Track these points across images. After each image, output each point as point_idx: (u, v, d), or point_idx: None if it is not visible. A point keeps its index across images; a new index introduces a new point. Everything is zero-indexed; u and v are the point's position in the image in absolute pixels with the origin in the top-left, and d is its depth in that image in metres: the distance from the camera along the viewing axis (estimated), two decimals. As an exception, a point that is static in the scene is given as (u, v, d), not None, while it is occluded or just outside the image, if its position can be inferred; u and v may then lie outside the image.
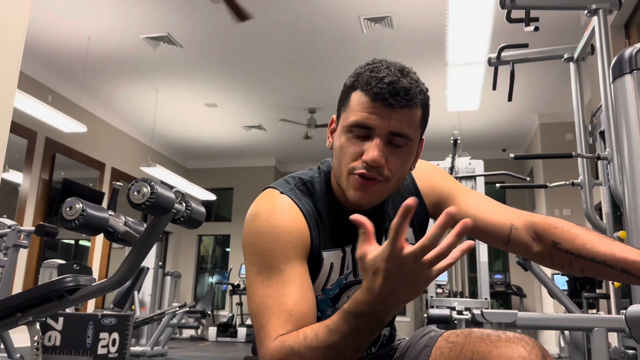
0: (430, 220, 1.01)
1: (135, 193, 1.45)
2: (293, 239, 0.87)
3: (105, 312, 4.08)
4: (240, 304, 8.94)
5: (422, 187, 1.04)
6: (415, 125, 0.87)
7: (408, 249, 0.64)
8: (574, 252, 0.91)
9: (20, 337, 2.81)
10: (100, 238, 7.23)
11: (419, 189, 1.03)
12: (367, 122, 0.85)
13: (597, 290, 4.51)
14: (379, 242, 0.96)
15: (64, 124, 5.57)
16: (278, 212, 0.89)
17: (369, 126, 0.85)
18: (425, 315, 3.25)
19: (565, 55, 2.80)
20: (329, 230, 0.94)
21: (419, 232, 1.04)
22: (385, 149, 0.85)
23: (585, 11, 2.25)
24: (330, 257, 0.94)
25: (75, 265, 4.62)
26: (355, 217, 0.70)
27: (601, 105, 2.23)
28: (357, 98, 0.87)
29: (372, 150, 0.84)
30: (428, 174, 1.05)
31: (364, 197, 0.88)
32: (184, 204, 1.63)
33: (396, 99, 0.84)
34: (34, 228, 3.00)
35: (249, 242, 0.89)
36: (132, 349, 4.96)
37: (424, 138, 0.94)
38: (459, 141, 4.57)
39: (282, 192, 0.93)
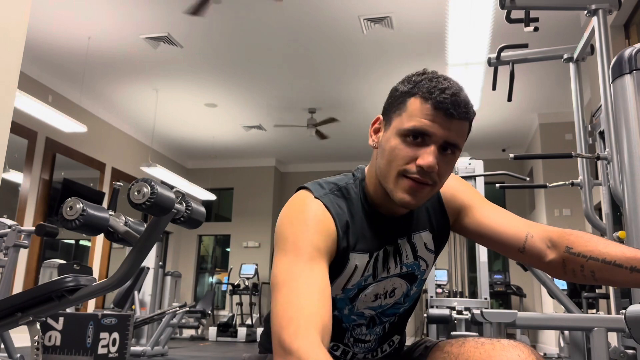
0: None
1: (136, 193, 1.45)
2: (327, 232, 0.89)
3: (105, 312, 4.08)
4: (240, 304, 8.94)
5: (445, 197, 1.06)
6: (464, 136, 0.92)
7: None
8: (585, 254, 0.93)
9: (21, 337, 2.81)
10: (100, 238, 7.24)
11: (441, 197, 1.06)
12: (427, 129, 0.87)
13: (597, 290, 4.51)
14: (398, 243, 0.99)
15: (64, 124, 5.57)
16: (311, 210, 0.91)
17: (428, 133, 0.88)
18: (425, 315, 3.25)
19: (565, 56, 2.80)
20: (360, 234, 0.96)
21: (439, 239, 1.05)
22: (438, 155, 0.88)
23: (585, 11, 2.25)
24: (357, 259, 0.95)
25: (75, 265, 4.61)
26: None
27: (601, 106, 2.23)
28: (417, 104, 0.89)
29: (428, 156, 0.87)
30: (451, 185, 1.07)
31: (412, 200, 0.90)
32: (184, 204, 1.63)
33: (457, 110, 0.87)
34: (34, 228, 3.00)
35: (279, 227, 0.90)
36: (133, 348, 4.96)
37: None
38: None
39: (315, 197, 0.94)
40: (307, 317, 0.75)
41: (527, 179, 3.94)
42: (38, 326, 1.66)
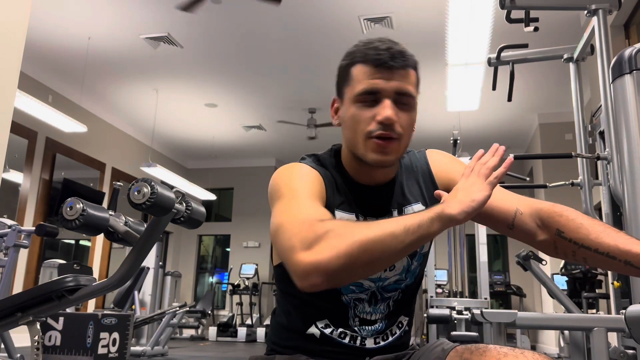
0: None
1: (136, 193, 1.45)
2: (313, 181, 0.95)
3: (105, 312, 4.08)
4: (240, 303, 8.94)
5: (435, 171, 1.08)
6: (413, 84, 0.96)
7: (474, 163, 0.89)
8: (577, 241, 0.91)
9: (21, 337, 2.81)
10: (100, 238, 7.24)
11: (431, 170, 1.08)
12: (374, 86, 0.93)
13: (597, 290, 4.51)
14: (389, 216, 1.01)
15: (64, 124, 5.57)
16: (298, 167, 0.99)
17: (376, 90, 0.93)
18: (425, 315, 3.25)
19: (565, 56, 2.80)
20: (344, 196, 1.01)
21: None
22: (394, 108, 0.93)
23: (585, 11, 2.25)
24: (344, 218, 0.98)
25: (75, 265, 4.61)
26: (438, 193, 0.90)
27: (601, 106, 2.23)
28: (359, 69, 0.96)
29: (384, 110, 0.92)
30: (443, 161, 1.11)
31: (384, 157, 0.95)
32: (184, 204, 1.63)
33: (395, 61, 0.93)
34: (34, 228, 3.00)
35: (272, 186, 0.96)
36: (133, 348, 4.96)
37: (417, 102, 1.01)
38: (458, 141, 4.58)
39: (299, 162, 1.02)
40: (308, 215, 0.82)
41: (527, 179, 3.94)
42: (38, 326, 1.66)
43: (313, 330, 1.00)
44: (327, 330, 1.00)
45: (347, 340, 1.00)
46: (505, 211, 1.00)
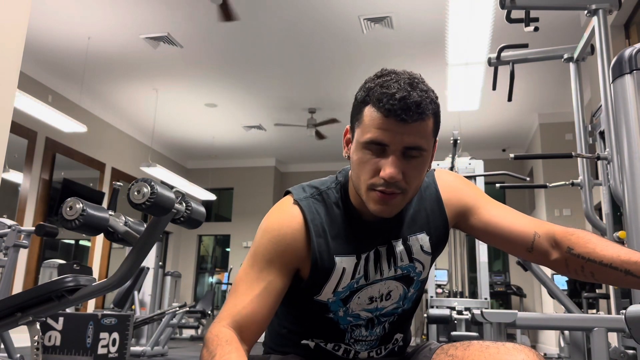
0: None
1: (135, 193, 1.45)
2: (284, 246, 0.95)
3: (105, 312, 4.08)
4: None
5: (446, 197, 1.04)
6: (428, 135, 0.89)
7: None
8: (585, 256, 0.93)
9: (20, 337, 2.81)
10: (100, 238, 7.23)
11: (441, 198, 1.04)
12: (382, 139, 0.86)
13: (597, 290, 4.51)
14: (392, 245, 0.99)
15: (64, 124, 5.57)
16: (283, 218, 0.98)
17: (384, 143, 0.86)
18: (425, 315, 3.25)
19: (565, 55, 2.80)
20: (344, 238, 0.97)
21: (436, 241, 1.04)
22: (401, 163, 0.87)
23: (585, 11, 2.25)
24: (343, 262, 0.96)
25: (75, 265, 4.61)
26: None
27: (601, 105, 2.23)
28: (370, 114, 0.88)
29: (388, 167, 0.86)
30: (453, 185, 1.07)
31: (384, 210, 0.90)
32: (184, 204, 1.63)
33: (408, 114, 0.84)
34: (34, 228, 3.00)
35: (256, 235, 1.00)
36: (132, 349, 4.96)
37: (437, 139, 0.96)
38: (458, 141, 4.58)
39: (294, 201, 0.99)
40: (229, 309, 0.92)
41: (528, 179, 3.94)
42: (38, 326, 1.66)
43: (308, 342, 1.03)
44: (322, 344, 1.03)
45: (340, 352, 1.03)
46: (525, 235, 1.00)
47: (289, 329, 1.05)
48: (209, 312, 8.35)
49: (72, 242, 7.49)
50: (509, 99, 2.95)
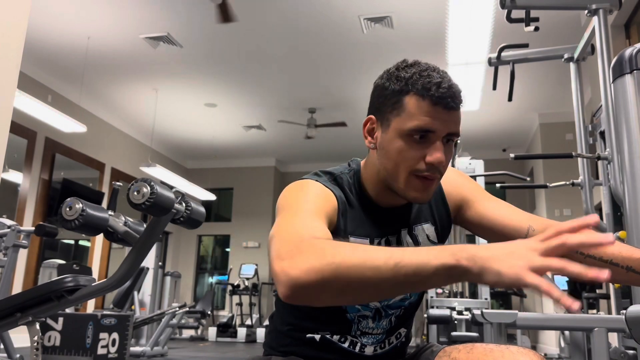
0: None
1: (135, 193, 1.45)
2: (331, 201, 0.91)
3: (105, 312, 4.08)
4: (240, 304, 8.93)
5: (447, 190, 1.07)
6: (460, 122, 0.93)
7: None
8: (583, 252, 0.92)
9: (20, 337, 2.80)
10: (100, 238, 7.23)
11: (443, 190, 1.07)
12: (431, 126, 0.88)
13: (597, 291, 4.51)
14: (401, 235, 1.01)
15: (64, 124, 5.56)
16: (309, 184, 0.94)
17: (432, 129, 0.88)
18: (425, 315, 3.24)
19: (566, 55, 2.79)
20: (359, 221, 0.98)
21: (441, 231, 1.06)
22: (443, 149, 0.90)
23: (586, 11, 2.25)
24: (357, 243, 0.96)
25: (75, 266, 4.61)
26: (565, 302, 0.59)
27: (601, 105, 2.23)
28: (414, 102, 0.89)
29: (437, 153, 0.88)
30: (453, 179, 1.09)
31: (425, 197, 0.93)
32: (183, 204, 1.63)
33: (455, 102, 0.89)
34: (33, 228, 3.00)
35: (280, 199, 0.91)
36: (132, 349, 4.96)
37: None
38: (459, 141, 4.57)
39: (314, 182, 0.96)
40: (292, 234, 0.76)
41: (528, 179, 3.94)
42: (37, 326, 1.66)
43: (313, 335, 1.02)
44: (328, 336, 1.01)
45: (347, 344, 1.01)
46: (519, 229, 1.00)
47: (293, 325, 1.04)
48: (209, 312, 8.35)
49: (72, 242, 7.48)
50: (509, 99, 2.95)
